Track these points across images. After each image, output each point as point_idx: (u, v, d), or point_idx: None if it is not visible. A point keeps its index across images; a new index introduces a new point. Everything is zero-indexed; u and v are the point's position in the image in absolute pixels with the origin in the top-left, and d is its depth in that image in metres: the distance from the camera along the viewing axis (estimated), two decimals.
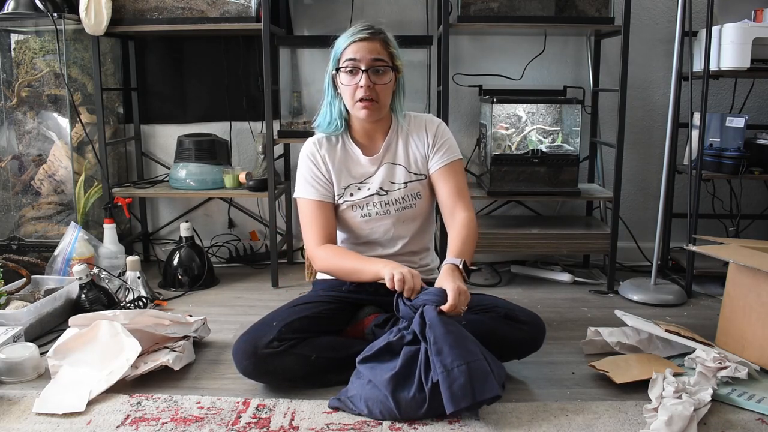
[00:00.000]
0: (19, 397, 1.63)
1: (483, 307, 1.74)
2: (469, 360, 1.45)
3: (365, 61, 1.68)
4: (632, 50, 2.48)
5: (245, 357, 1.62)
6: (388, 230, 1.83)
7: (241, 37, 2.80)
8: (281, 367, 1.62)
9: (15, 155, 2.72)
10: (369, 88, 1.68)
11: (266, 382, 1.69)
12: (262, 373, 1.64)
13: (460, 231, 1.73)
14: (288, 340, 1.62)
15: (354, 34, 1.70)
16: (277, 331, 1.62)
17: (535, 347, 1.76)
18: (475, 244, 1.74)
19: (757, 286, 1.78)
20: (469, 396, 1.41)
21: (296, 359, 1.62)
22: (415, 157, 1.83)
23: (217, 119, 2.90)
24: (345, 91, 1.73)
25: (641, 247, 2.84)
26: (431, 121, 1.85)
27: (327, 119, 1.79)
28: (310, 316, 1.70)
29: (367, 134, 1.83)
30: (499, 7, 2.45)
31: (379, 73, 1.70)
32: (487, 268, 2.84)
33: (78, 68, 2.71)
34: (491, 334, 1.66)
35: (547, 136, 2.60)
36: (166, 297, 2.45)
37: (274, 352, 1.60)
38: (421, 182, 1.83)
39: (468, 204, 1.80)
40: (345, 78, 1.71)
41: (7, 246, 2.64)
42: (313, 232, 1.77)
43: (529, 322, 1.74)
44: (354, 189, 1.81)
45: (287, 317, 1.68)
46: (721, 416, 1.53)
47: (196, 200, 2.99)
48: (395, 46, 1.75)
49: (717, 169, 2.45)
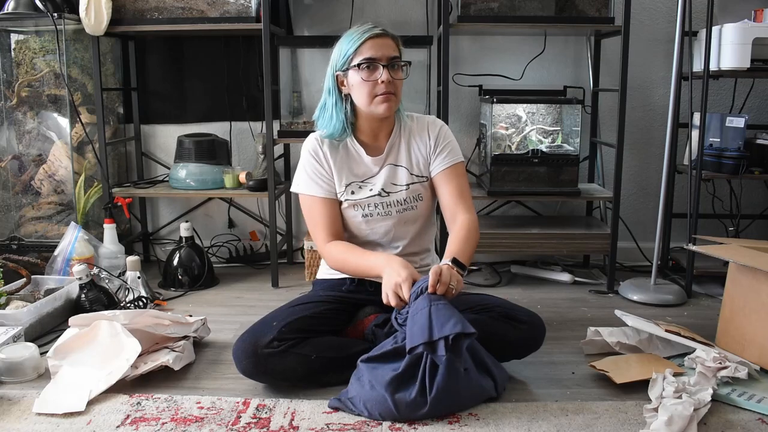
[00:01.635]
0: (19, 397, 1.63)
1: (483, 306, 1.75)
2: (433, 304, 1.47)
3: (384, 58, 1.69)
4: (632, 50, 2.48)
5: (245, 357, 1.62)
6: (389, 231, 1.83)
7: (241, 37, 2.80)
8: (281, 366, 1.62)
9: (15, 155, 2.72)
10: (390, 83, 1.70)
11: (266, 382, 1.69)
12: (262, 372, 1.64)
13: (458, 232, 1.73)
14: (288, 340, 1.62)
15: (366, 31, 1.70)
16: (277, 331, 1.62)
17: (536, 346, 1.76)
18: (474, 244, 1.73)
19: (757, 286, 1.78)
20: (427, 333, 1.43)
21: (296, 359, 1.62)
22: (417, 158, 1.83)
23: (217, 119, 2.90)
24: (362, 88, 1.71)
25: (641, 247, 2.84)
26: (433, 123, 1.86)
27: (335, 124, 1.77)
28: (310, 315, 1.70)
29: (372, 133, 1.82)
30: (499, 7, 2.45)
31: (396, 69, 1.72)
32: (487, 268, 2.84)
33: (78, 68, 2.71)
34: (491, 334, 1.66)
35: (547, 136, 2.60)
36: (166, 297, 2.45)
37: (274, 352, 1.60)
38: (422, 184, 1.83)
39: (469, 206, 1.80)
40: (364, 74, 1.70)
41: (7, 246, 2.64)
42: (322, 229, 1.78)
43: (528, 321, 1.74)
44: (355, 187, 1.81)
45: (287, 317, 1.68)
46: (721, 416, 1.53)
47: (196, 200, 2.99)
48: (401, 44, 1.77)
49: (717, 169, 2.45)
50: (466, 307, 1.73)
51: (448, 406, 1.51)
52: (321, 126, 1.81)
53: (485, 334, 1.61)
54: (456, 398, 1.52)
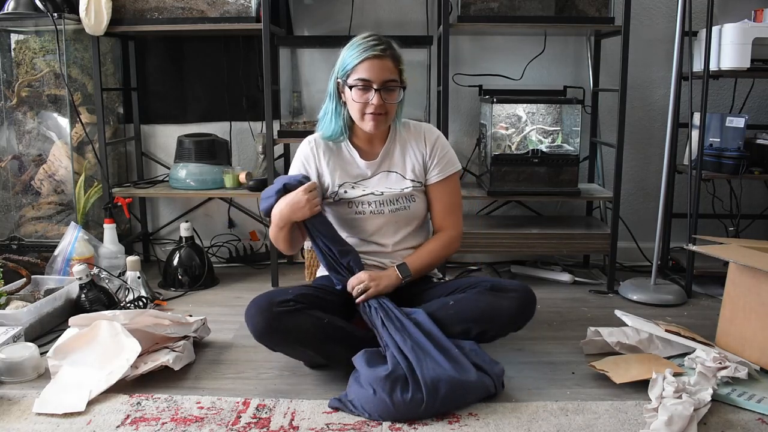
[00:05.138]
0: (19, 397, 1.63)
1: (469, 284, 1.77)
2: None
3: (378, 81, 1.71)
4: (632, 50, 2.48)
5: (258, 312, 1.61)
6: (380, 228, 1.85)
7: (241, 37, 2.80)
8: (294, 325, 1.61)
9: (15, 155, 2.72)
10: (380, 106, 1.73)
11: (277, 343, 1.66)
12: (274, 330, 1.61)
13: (430, 244, 1.87)
14: (302, 303, 1.64)
15: (366, 50, 1.71)
16: (293, 295, 1.65)
17: (529, 314, 1.75)
18: (441, 257, 1.87)
19: (757, 286, 1.78)
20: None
21: (309, 319, 1.62)
22: (412, 164, 1.86)
23: (217, 119, 2.90)
24: (353, 106, 1.76)
25: (641, 247, 2.84)
26: (430, 132, 1.89)
27: (334, 128, 1.83)
28: (322, 297, 1.74)
29: (367, 140, 1.87)
30: (499, 7, 2.45)
31: (390, 91, 1.74)
32: (487, 268, 2.84)
33: (78, 68, 2.71)
34: (481, 310, 1.68)
35: (547, 136, 2.60)
36: (166, 297, 2.45)
37: (288, 310, 1.61)
38: (416, 188, 1.86)
39: (457, 222, 1.89)
40: (356, 95, 1.73)
41: (7, 246, 2.64)
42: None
43: (516, 289, 1.74)
44: (348, 187, 1.85)
45: (302, 289, 1.72)
46: (721, 416, 1.53)
47: (196, 200, 2.99)
48: (403, 62, 1.78)
49: (717, 169, 2.45)
50: (453, 289, 1.77)
51: (446, 395, 1.50)
52: (320, 127, 1.86)
53: (478, 311, 1.66)
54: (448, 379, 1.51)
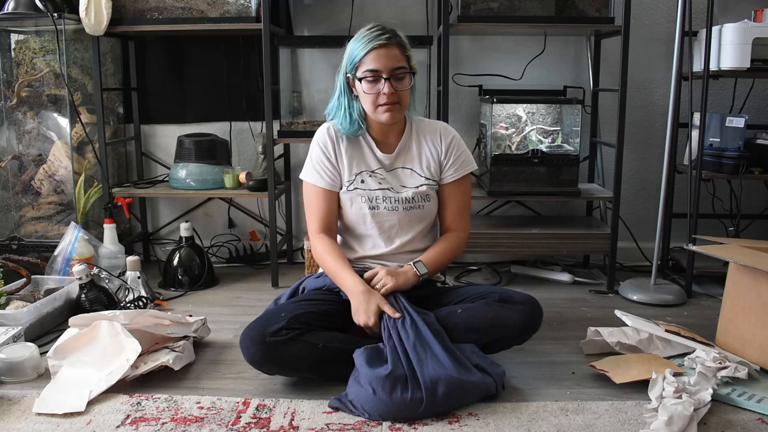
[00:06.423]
0: (19, 397, 1.63)
1: (478, 294, 1.77)
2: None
3: (386, 70, 1.71)
4: (632, 50, 2.48)
5: (252, 344, 1.61)
6: (393, 226, 1.83)
7: (241, 37, 2.80)
8: (288, 354, 1.61)
9: (15, 155, 2.72)
10: (392, 94, 1.72)
11: (273, 372, 1.67)
12: (269, 361, 1.62)
13: (441, 243, 1.86)
14: (296, 329, 1.62)
15: (371, 40, 1.70)
16: (285, 321, 1.63)
17: (534, 327, 1.75)
18: (451, 257, 1.87)
19: (757, 286, 1.78)
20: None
21: (303, 347, 1.62)
22: (428, 161, 1.86)
23: (217, 119, 2.90)
24: (366, 98, 1.75)
25: (641, 247, 2.84)
26: (446, 130, 1.89)
27: (351, 124, 1.81)
28: (317, 312, 1.72)
29: (383, 132, 1.86)
30: (499, 7, 2.45)
31: (400, 79, 1.74)
32: (487, 268, 2.84)
33: (78, 68, 2.71)
34: (490, 320, 1.68)
35: (547, 136, 2.60)
36: (166, 297, 2.45)
37: (282, 340, 1.60)
38: (431, 187, 1.85)
39: (466, 225, 1.91)
40: (366, 86, 1.73)
41: (7, 246, 2.64)
42: (315, 218, 1.83)
43: (524, 302, 1.74)
44: (365, 176, 1.83)
45: (295, 310, 1.69)
46: (721, 416, 1.53)
47: (196, 200, 2.99)
48: (409, 47, 1.77)
49: (717, 169, 2.45)
50: (463, 298, 1.77)
51: (445, 395, 1.50)
52: (337, 123, 1.84)
53: (486, 321, 1.67)
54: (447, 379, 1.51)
